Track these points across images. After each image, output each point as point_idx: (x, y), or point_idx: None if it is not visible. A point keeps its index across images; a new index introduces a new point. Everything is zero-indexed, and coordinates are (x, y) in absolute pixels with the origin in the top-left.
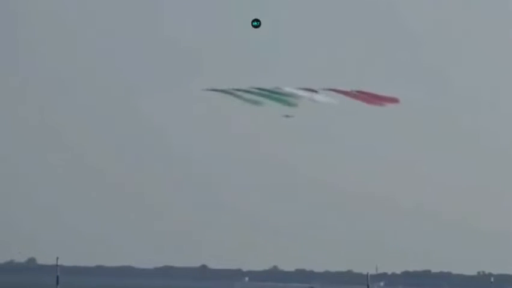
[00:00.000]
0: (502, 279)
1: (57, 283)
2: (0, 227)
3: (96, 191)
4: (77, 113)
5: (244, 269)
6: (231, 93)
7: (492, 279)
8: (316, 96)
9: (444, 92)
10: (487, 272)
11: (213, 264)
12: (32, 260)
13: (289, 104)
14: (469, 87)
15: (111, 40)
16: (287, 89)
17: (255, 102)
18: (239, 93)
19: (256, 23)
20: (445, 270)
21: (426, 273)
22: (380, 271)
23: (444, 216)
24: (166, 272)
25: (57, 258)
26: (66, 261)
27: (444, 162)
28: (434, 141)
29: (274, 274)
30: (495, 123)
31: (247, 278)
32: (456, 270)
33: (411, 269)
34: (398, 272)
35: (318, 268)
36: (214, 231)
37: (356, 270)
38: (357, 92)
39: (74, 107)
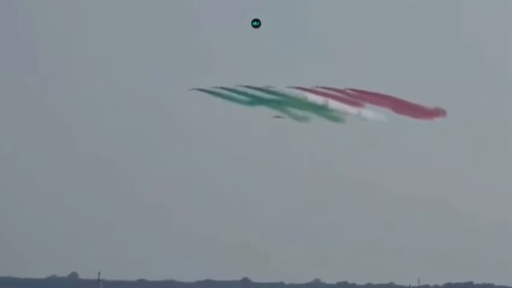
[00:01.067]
0: None
1: None
2: (43, 241)
3: (137, 205)
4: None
5: (287, 282)
6: (279, 109)
7: None
8: (364, 113)
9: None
10: None
11: (255, 278)
12: (74, 275)
13: (337, 120)
14: None
15: (111, 41)
16: (279, 88)
17: (303, 118)
18: (289, 109)
19: (256, 23)
20: (487, 281)
21: (469, 285)
22: (422, 283)
23: (488, 227)
24: (208, 285)
25: (99, 273)
26: (108, 275)
27: (496, 172)
28: (484, 149)
29: (316, 287)
30: None
31: None
32: (498, 281)
33: (453, 280)
34: (440, 284)
35: (360, 281)
36: (256, 244)
37: (398, 282)
38: (351, 90)
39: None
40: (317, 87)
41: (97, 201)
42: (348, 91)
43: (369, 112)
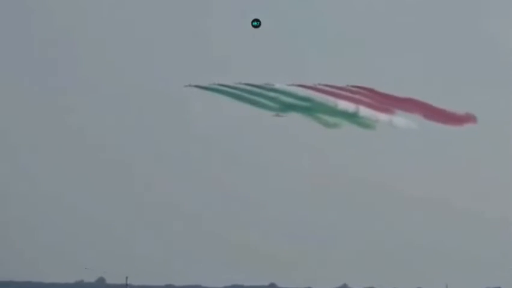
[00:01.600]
0: None
1: None
2: (70, 246)
3: (161, 210)
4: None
5: (314, 286)
6: (309, 115)
7: None
8: (395, 120)
9: None
10: None
11: (282, 283)
12: (101, 280)
13: (367, 127)
14: None
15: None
16: (278, 85)
17: (333, 125)
18: (319, 115)
19: (256, 23)
20: None
21: None
22: None
23: (488, 227)
24: None
25: (126, 277)
26: (135, 280)
27: (496, 172)
28: (484, 149)
29: None
30: None
31: None
32: None
33: (483, 286)
34: None
35: (388, 286)
36: (283, 249)
37: (426, 287)
38: (353, 86)
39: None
40: (319, 84)
41: (118, 205)
42: (350, 88)
43: (401, 119)
